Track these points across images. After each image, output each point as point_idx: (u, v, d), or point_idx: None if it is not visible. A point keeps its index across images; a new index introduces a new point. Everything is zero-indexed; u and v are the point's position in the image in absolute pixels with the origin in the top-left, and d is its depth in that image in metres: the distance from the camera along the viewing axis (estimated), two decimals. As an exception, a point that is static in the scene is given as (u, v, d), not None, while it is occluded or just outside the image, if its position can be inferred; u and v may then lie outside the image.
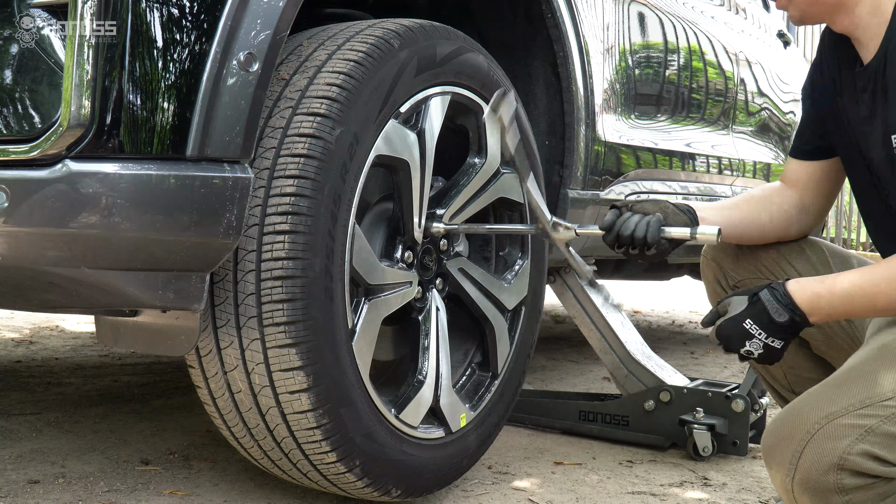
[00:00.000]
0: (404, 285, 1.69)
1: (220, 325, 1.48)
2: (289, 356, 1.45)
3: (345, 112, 1.48)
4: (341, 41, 1.56)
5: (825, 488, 1.22)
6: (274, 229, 1.43)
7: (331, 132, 1.46)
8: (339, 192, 1.48)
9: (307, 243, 1.43)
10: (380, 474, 1.62)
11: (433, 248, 1.79)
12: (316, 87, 1.48)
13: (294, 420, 1.51)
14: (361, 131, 1.51)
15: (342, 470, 1.56)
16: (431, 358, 1.75)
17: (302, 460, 1.57)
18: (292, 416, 1.50)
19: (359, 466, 1.57)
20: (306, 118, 1.46)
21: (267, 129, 1.46)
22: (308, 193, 1.43)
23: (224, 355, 1.50)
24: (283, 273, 1.42)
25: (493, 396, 1.93)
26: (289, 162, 1.44)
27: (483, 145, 1.86)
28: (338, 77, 1.49)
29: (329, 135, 1.46)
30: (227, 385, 1.53)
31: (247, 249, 1.44)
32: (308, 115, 1.46)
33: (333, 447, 1.53)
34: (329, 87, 1.48)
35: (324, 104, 1.46)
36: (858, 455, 1.21)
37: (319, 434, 1.51)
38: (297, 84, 1.50)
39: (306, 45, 1.57)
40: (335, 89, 1.48)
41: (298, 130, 1.45)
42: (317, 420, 1.49)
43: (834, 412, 1.24)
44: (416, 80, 1.63)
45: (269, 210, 1.43)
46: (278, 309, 1.43)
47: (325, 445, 1.52)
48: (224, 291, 1.46)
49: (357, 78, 1.50)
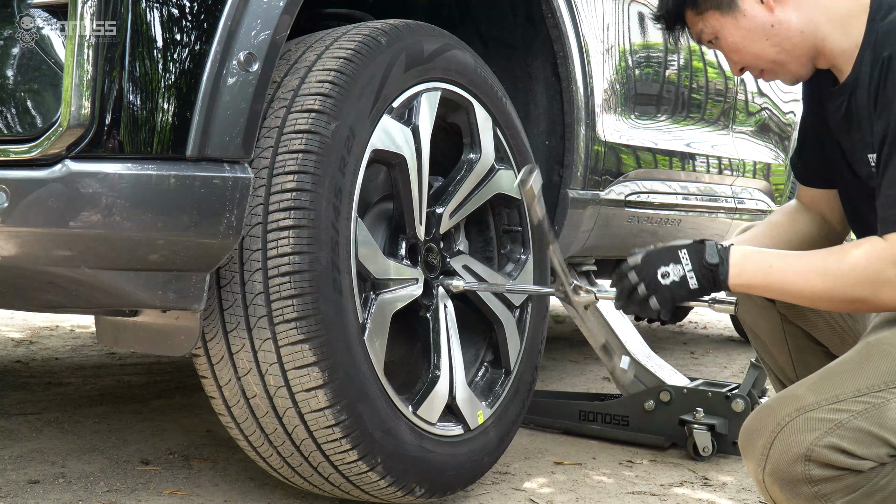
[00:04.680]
0: (410, 282, 1.68)
1: (230, 328, 1.46)
2: (302, 353, 1.44)
3: (338, 107, 1.49)
4: (329, 42, 1.58)
5: (794, 478, 1.24)
6: (278, 226, 1.42)
7: (326, 126, 1.46)
8: (340, 185, 1.48)
9: (312, 237, 1.43)
10: (402, 472, 1.60)
11: (436, 245, 1.79)
12: (308, 86, 1.50)
13: (312, 419, 1.49)
14: (356, 125, 1.52)
15: (364, 469, 1.54)
16: (444, 354, 1.75)
17: (323, 462, 1.55)
18: (310, 414, 1.48)
19: (380, 464, 1.55)
20: (301, 115, 1.47)
21: (263, 130, 1.47)
22: (309, 188, 1.43)
23: (236, 360, 1.48)
24: (290, 269, 1.42)
25: (508, 393, 1.92)
26: (287, 159, 1.44)
27: (476, 141, 1.86)
28: (329, 74, 1.50)
29: (325, 129, 1.46)
30: (241, 391, 1.51)
31: (252, 249, 1.43)
32: (302, 112, 1.47)
33: (353, 444, 1.51)
34: (321, 83, 1.49)
35: (317, 100, 1.48)
36: (825, 447, 1.23)
37: (338, 431, 1.49)
38: (289, 85, 1.51)
39: (295, 49, 1.59)
40: (327, 85, 1.49)
41: (294, 127, 1.46)
42: (335, 417, 1.48)
43: (805, 406, 1.27)
44: (406, 76, 1.64)
45: (271, 207, 1.43)
46: (288, 305, 1.42)
47: (344, 443, 1.51)
48: (232, 294, 1.45)
49: (347, 73, 1.51)
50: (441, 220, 1.79)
